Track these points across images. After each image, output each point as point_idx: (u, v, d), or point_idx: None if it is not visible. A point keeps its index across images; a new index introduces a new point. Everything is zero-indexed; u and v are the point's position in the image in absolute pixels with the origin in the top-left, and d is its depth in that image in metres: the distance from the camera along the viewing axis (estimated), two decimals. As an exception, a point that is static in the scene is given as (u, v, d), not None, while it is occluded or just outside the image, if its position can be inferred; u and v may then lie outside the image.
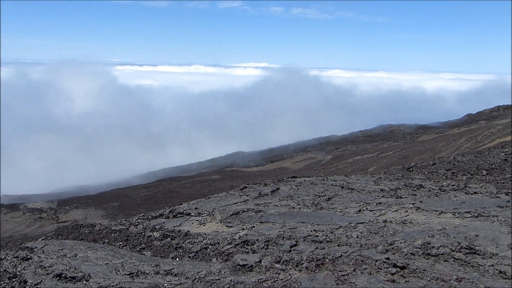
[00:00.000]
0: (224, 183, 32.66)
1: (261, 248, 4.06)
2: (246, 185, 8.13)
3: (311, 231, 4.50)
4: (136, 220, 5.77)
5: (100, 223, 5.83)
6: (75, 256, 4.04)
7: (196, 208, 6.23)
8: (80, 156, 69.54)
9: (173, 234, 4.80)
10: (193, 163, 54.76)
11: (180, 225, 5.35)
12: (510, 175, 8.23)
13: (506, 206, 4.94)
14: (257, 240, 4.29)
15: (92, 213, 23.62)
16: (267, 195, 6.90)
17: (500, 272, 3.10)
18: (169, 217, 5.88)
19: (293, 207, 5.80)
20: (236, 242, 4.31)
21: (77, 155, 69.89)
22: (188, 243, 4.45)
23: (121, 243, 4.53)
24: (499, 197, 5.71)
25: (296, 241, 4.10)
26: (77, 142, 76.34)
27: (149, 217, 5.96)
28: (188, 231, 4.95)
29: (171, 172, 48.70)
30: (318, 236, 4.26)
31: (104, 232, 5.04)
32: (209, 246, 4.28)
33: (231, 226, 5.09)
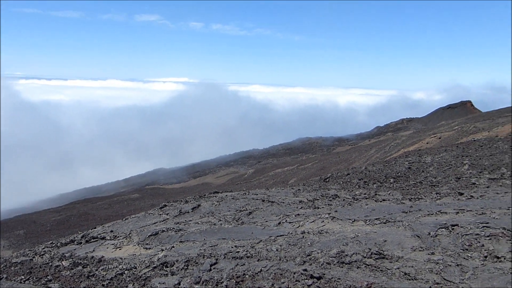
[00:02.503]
0: (145, 202, 31.48)
1: (181, 269, 3.94)
2: (166, 203, 7.89)
3: (232, 247, 4.47)
4: (43, 248, 5.29)
5: None
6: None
7: (111, 231, 5.88)
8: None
9: (85, 262, 4.47)
10: (109, 182, 52.03)
11: (93, 250, 5.00)
12: (413, 182, 8.97)
13: (409, 211, 5.36)
14: (177, 260, 4.16)
15: (-8, 244, 21.30)
16: (188, 212, 6.76)
17: (405, 274, 3.33)
18: (81, 242, 5.47)
19: (214, 224, 5.74)
20: (155, 265, 4.13)
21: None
22: (102, 270, 4.17)
23: (22, 277, 4.09)
24: (404, 203, 6.19)
25: (217, 259, 4.04)
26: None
27: (58, 244, 5.49)
28: (102, 256, 4.64)
29: (84, 194, 45.79)
30: (238, 252, 4.24)
31: (2, 266, 4.53)
32: (125, 272, 4.05)
33: (149, 248, 4.88)
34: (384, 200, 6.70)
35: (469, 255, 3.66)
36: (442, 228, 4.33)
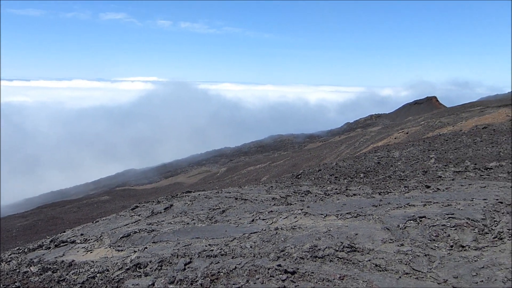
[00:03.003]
0: (115, 203, 30.87)
1: (154, 270, 3.89)
2: (138, 204, 7.77)
3: (205, 246, 4.46)
4: (9, 255, 5.10)
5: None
6: None
7: (82, 234, 5.74)
8: None
9: (55, 266, 4.35)
10: (78, 185, 50.69)
11: (63, 255, 4.87)
12: (382, 176, 9.20)
13: (379, 205, 5.50)
14: (150, 261, 4.11)
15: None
16: (160, 213, 6.68)
17: (376, 265, 3.42)
18: (50, 247, 5.31)
19: (188, 223, 5.70)
20: (128, 267, 4.07)
21: None
22: (72, 274, 4.07)
23: (-11, 283, 3.95)
24: (373, 197, 6.34)
25: (191, 258, 4.02)
26: None
27: (26, 250, 5.31)
28: (73, 260, 4.53)
29: (51, 198, 44.43)
30: (212, 250, 4.24)
31: (-33, 273, 4.35)
32: (97, 275, 3.96)
33: (121, 250, 4.79)
34: (354, 194, 6.84)
35: (436, 245, 3.80)
36: (410, 220, 4.46)
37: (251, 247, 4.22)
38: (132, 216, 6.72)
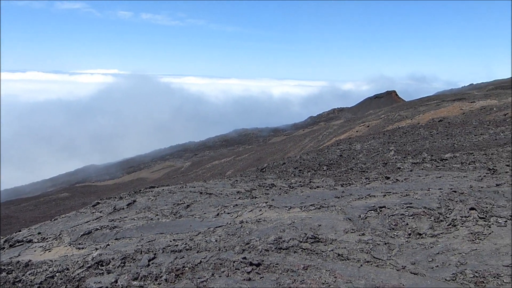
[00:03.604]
0: (75, 200, 29.92)
1: (117, 267, 3.82)
2: (99, 201, 7.58)
3: (170, 241, 4.42)
4: (-40, 256, 4.85)
5: None
6: None
7: (39, 233, 5.54)
8: None
9: (10, 267, 4.17)
10: (34, 182, 48.64)
11: (19, 255, 4.68)
12: (345, 169, 9.41)
13: (341, 196, 5.63)
14: (113, 258, 4.02)
15: None
16: (123, 209, 6.55)
17: (339, 255, 3.52)
18: (4, 247, 5.09)
19: (151, 219, 5.62)
20: (89, 265, 3.96)
21: None
22: (29, 274, 3.91)
23: None
24: (336, 188, 6.49)
25: (155, 254, 3.97)
26: None
27: (-22, 250, 5.07)
28: (30, 260, 4.35)
29: (5, 196, 42.43)
30: (177, 245, 4.20)
31: None
32: (57, 274, 3.84)
33: (82, 248, 4.66)
34: (318, 187, 6.97)
35: (395, 233, 3.94)
36: (371, 210, 4.60)
37: (216, 241, 4.21)
38: (93, 213, 6.55)
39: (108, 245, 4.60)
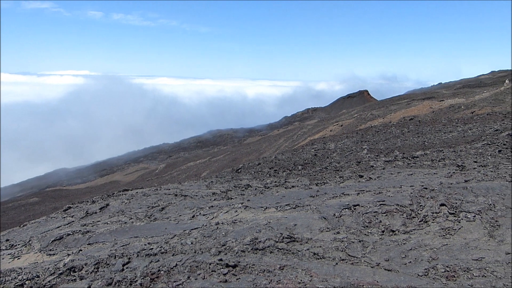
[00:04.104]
0: (45, 205, 29.07)
1: (91, 273, 3.73)
2: (71, 205, 7.39)
3: (145, 244, 4.35)
4: None
5: None
6: None
7: (7, 240, 5.35)
8: None
9: (-23, 276, 4.01)
10: (2, 187, 47.01)
11: (-14, 263, 4.51)
12: (319, 168, 9.51)
13: (316, 196, 5.69)
14: (86, 264, 3.93)
15: None
16: (96, 213, 6.41)
17: (314, 254, 3.55)
18: (-30, 256, 4.89)
19: (125, 222, 5.52)
20: (61, 271, 3.85)
21: None
22: (-3, 283, 3.78)
23: None
24: (311, 188, 6.54)
25: (129, 258, 3.90)
26: None
27: None
28: (-2, 268, 4.20)
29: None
30: (152, 249, 4.14)
31: None
32: (26, 282, 3.71)
33: (53, 254, 4.53)
34: (293, 186, 7.01)
35: (369, 231, 4.01)
36: (345, 208, 4.67)
37: (192, 243, 4.18)
38: (64, 217, 6.38)
39: (81, 250, 4.49)
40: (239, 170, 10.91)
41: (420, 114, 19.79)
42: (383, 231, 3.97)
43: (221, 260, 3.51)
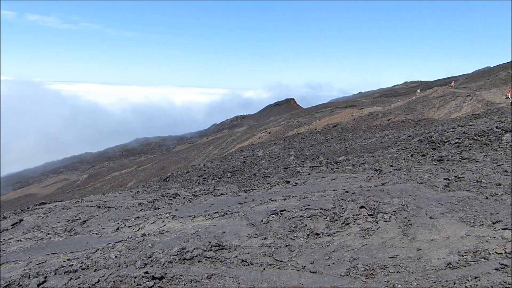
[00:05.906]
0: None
1: (0, 296, 3.41)
2: (-22, 223, 6.70)
3: (63, 261, 4.07)
4: None
5: None
6: None
7: None
8: None
9: None
10: None
11: None
12: (248, 175, 9.62)
13: (245, 202, 5.74)
14: (-6, 287, 3.58)
15: None
16: (7, 230, 5.88)
17: (243, 260, 3.57)
18: None
19: (42, 238, 5.13)
20: (-36, 297, 3.47)
21: None
22: None
23: None
24: (240, 195, 6.59)
25: (45, 277, 3.62)
26: None
27: None
28: None
29: None
30: (72, 265, 3.89)
31: None
32: None
33: (-45, 278, 4.07)
34: (222, 194, 7.01)
35: (295, 235, 4.12)
36: (272, 214, 4.76)
37: (116, 257, 3.99)
38: (-31, 237, 5.77)
39: (-12, 272, 4.08)
40: (167, 179, 10.68)
41: (343, 122, 20.87)
42: (308, 235, 4.11)
43: (147, 272, 3.39)
